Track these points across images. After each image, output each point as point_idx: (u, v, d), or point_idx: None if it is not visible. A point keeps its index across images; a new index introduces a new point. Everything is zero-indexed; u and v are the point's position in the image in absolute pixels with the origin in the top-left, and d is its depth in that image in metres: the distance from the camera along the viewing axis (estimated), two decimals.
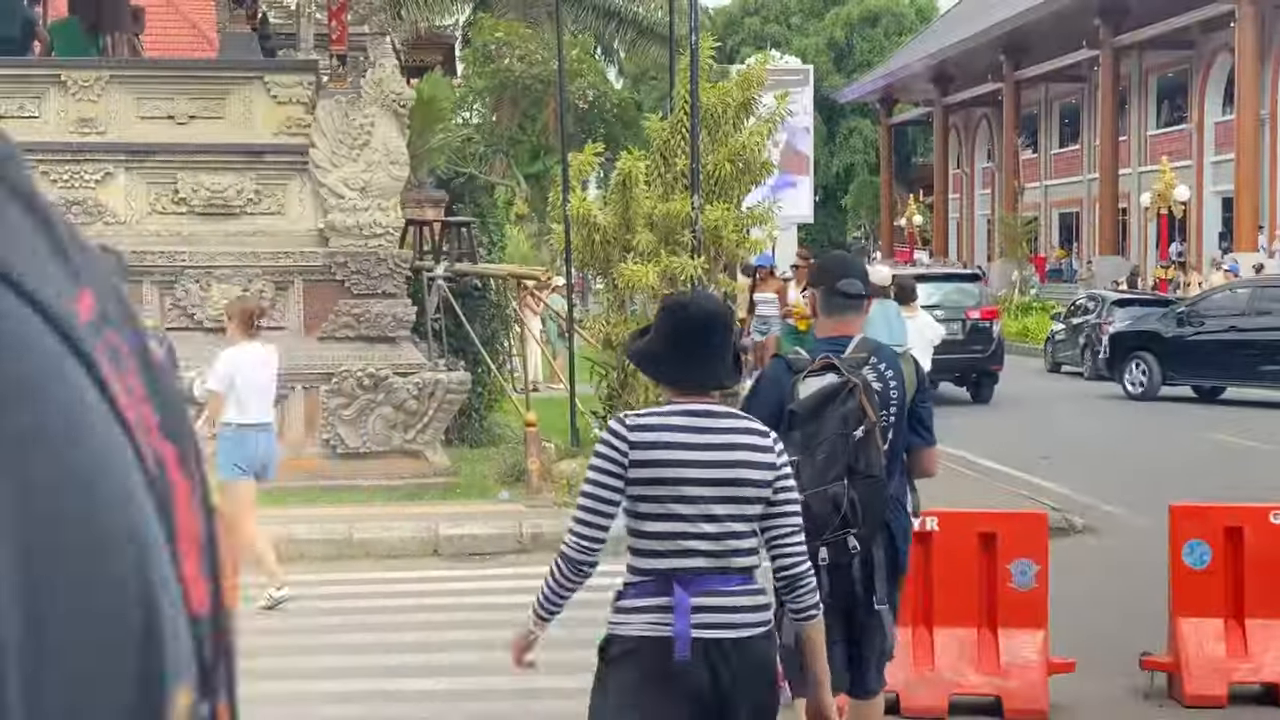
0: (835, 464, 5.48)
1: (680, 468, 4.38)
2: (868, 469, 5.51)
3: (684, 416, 4.45)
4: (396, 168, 14.46)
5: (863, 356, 5.73)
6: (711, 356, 4.51)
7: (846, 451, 5.49)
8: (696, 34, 15.07)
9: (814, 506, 5.26)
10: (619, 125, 41.21)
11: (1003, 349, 24.54)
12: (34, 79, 14.60)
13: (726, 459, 4.41)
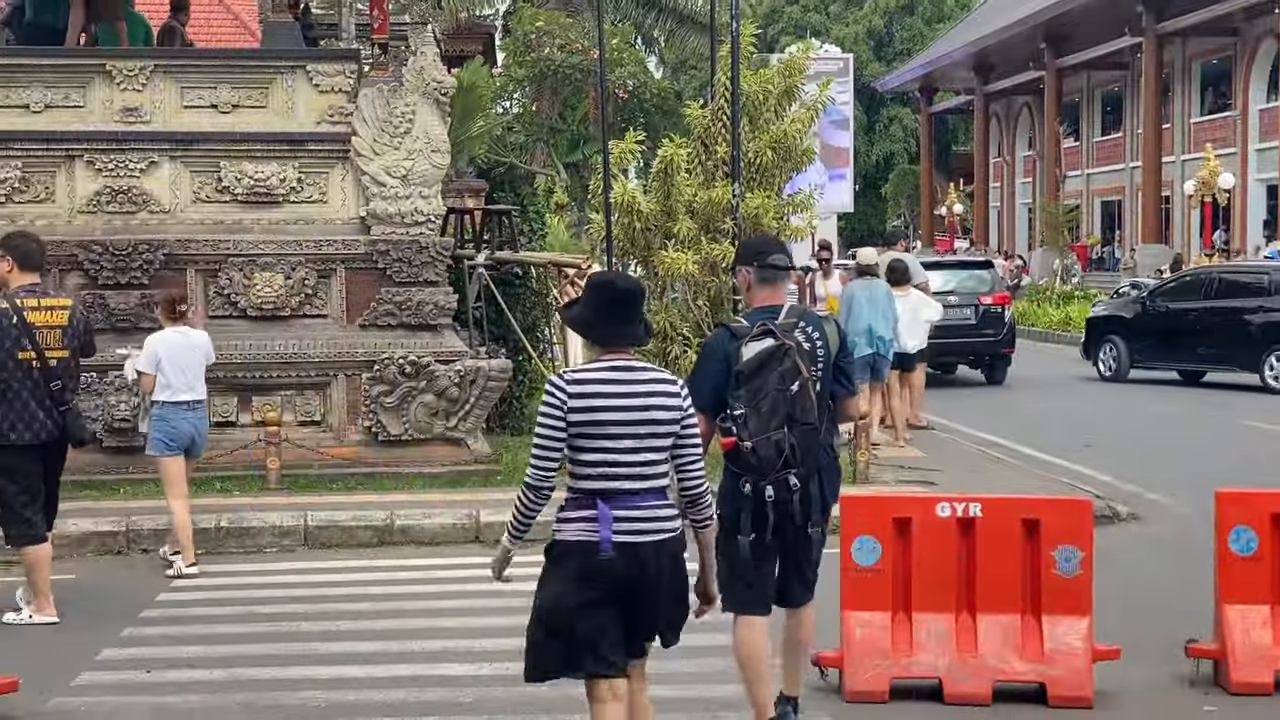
0: (777, 414, 6.49)
1: (607, 411, 5.59)
2: (804, 418, 6.55)
3: (610, 370, 5.67)
4: (438, 156, 14.48)
5: (793, 321, 6.73)
6: (630, 321, 5.74)
7: (785, 404, 6.51)
8: (737, 21, 15.05)
9: (760, 451, 6.47)
10: (658, 114, 41.18)
11: (1014, 333, 25.58)
12: (80, 69, 14.67)
13: (643, 404, 5.63)
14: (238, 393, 14.13)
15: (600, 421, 5.58)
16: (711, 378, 6.65)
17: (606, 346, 5.76)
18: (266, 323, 14.25)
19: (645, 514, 5.62)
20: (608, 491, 5.62)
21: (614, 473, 5.61)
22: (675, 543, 5.71)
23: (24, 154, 14.32)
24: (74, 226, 14.31)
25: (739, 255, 7.39)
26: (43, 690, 7.93)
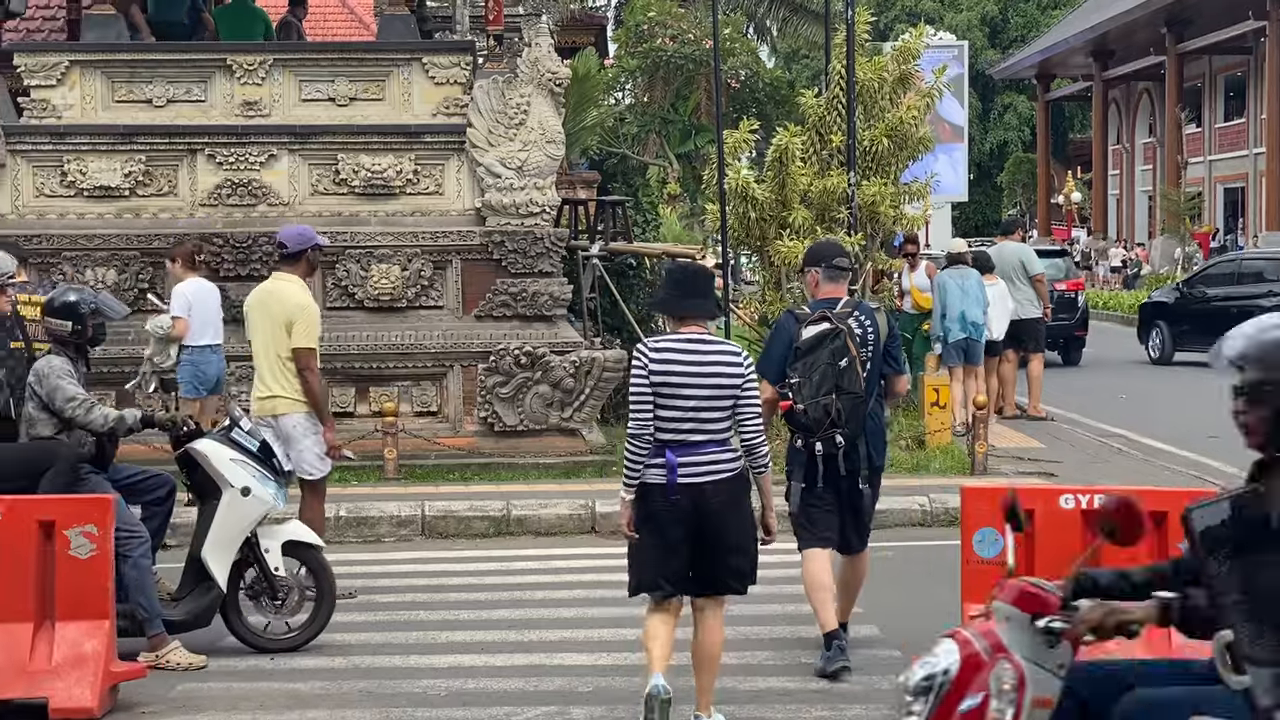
0: (826, 383, 7.93)
1: (679, 375, 6.74)
2: (850, 388, 7.96)
3: (684, 341, 6.83)
4: (553, 147, 14.52)
5: (847, 310, 8.13)
6: (698, 296, 6.93)
7: (834, 375, 7.93)
8: (852, 9, 14.94)
9: (811, 413, 7.92)
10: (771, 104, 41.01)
11: (1087, 316, 26.93)
12: (201, 63, 14.89)
13: (710, 370, 6.77)
14: (355, 383, 14.26)
15: (673, 384, 6.75)
16: (777, 352, 8.14)
17: (682, 321, 6.95)
18: (383, 314, 14.37)
19: (706, 459, 6.77)
20: (675, 442, 6.76)
21: (682, 427, 6.76)
22: (734, 481, 6.83)
23: (148, 148, 14.55)
24: (195, 219, 14.52)
25: (808, 258, 8.53)
26: (169, 676, 8.05)
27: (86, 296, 8.69)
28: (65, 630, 7.38)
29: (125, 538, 8.01)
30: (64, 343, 8.51)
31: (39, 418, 8.37)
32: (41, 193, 14.49)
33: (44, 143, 14.50)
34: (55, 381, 8.28)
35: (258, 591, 8.72)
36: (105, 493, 8.06)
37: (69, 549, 7.34)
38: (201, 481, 8.65)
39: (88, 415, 8.29)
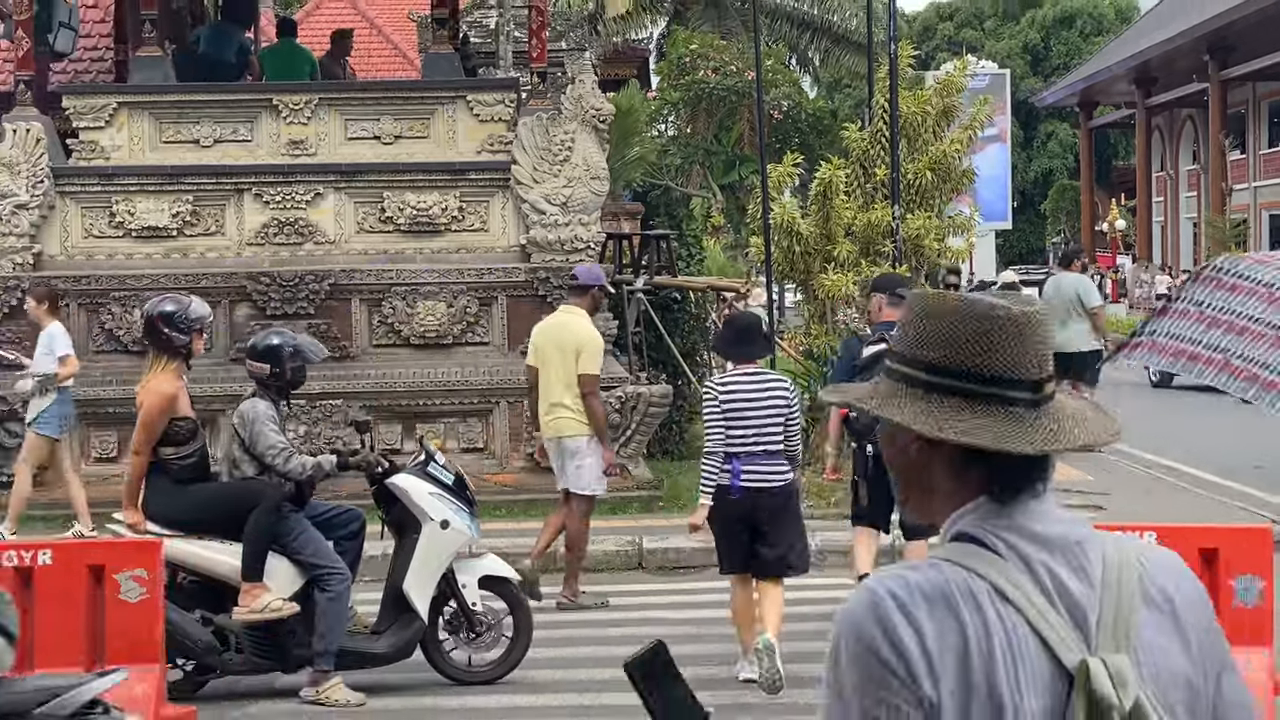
0: None
1: (741, 402, 8.65)
2: None
3: (744, 376, 8.82)
4: (597, 183, 14.56)
5: None
6: (752, 343, 8.94)
7: None
8: (895, 43, 14.96)
9: (862, 419, 9.10)
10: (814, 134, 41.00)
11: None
12: (248, 103, 15.00)
13: (765, 398, 8.70)
14: (402, 420, 14.30)
15: (738, 409, 8.64)
16: (842, 369, 9.92)
17: (739, 361, 8.94)
18: (429, 351, 14.42)
19: (762, 469, 8.64)
20: (740, 454, 8.63)
21: (744, 442, 8.62)
22: (784, 488, 8.75)
23: (195, 188, 14.66)
24: (242, 258, 14.61)
25: (874, 286, 10.23)
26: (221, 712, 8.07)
27: (287, 339, 8.85)
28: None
29: (326, 573, 8.34)
30: (265, 385, 8.67)
31: (242, 458, 8.57)
32: (90, 233, 14.61)
33: (93, 184, 14.63)
34: (258, 427, 8.49)
35: (456, 626, 8.86)
36: (305, 531, 8.51)
37: (119, 593, 7.38)
38: (400, 516, 8.80)
39: (286, 464, 8.49)
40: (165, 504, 8.48)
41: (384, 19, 30.95)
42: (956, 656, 2.04)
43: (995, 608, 2.07)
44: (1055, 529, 2.15)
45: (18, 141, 14.41)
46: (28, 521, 13.14)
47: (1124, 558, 2.17)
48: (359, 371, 14.21)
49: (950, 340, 2.18)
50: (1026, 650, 2.06)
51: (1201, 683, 2.17)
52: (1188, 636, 2.16)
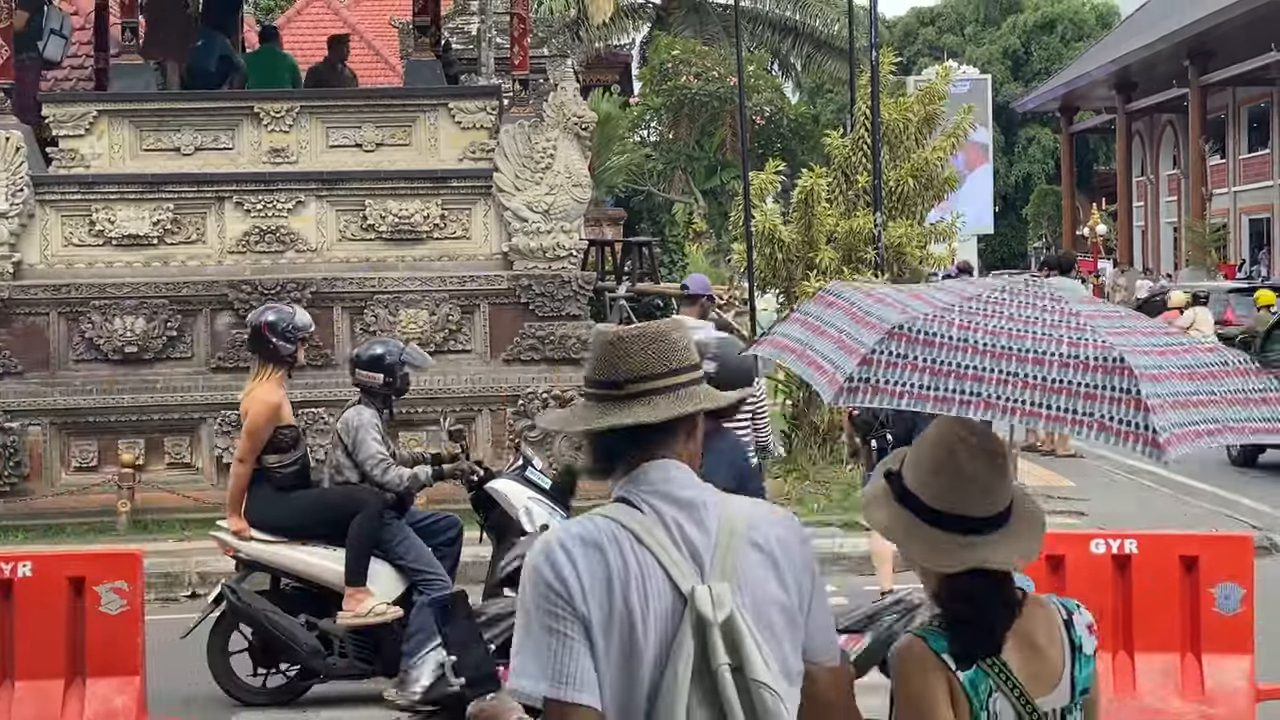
0: None
1: None
2: None
3: None
4: (579, 190, 14.56)
5: None
6: None
7: None
8: (877, 50, 14.98)
9: (863, 416, 9.80)
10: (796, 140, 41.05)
11: None
12: (228, 111, 14.97)
13: None
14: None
15: None
16: None
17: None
18: None
19: None
20: None
21: None
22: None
23: (176, 196, 14.62)
24: (224, 266, 14.58)
25: None
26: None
27: (393, 348, 8.94)
28: (96, 686, 7.40)
29: (427, 578, 8.47)
30: (373, 394, 8.73)
31: (345, 464, 8.66)
32: (70, 242, 14.56)
33: (73, 192, 14.58)
34: (362, 435, 8.60)
35: None
36: (407, 537, 8.62)
37: (99, 605, 7.36)
38: (499, 520, 8.85)
39: (384, 475, 8.58)
40: (268, 511, 8.59)
41: (366, 25, 30.91)
42: (603, 584, 2.83)
43: (633, 549, 2.87)
44: (685, 493, 2.96)
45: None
46: (10, 531, 13.10)
47: (736, 515, 2.97)
48: (342, 379, 14.14)
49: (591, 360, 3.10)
50: (654, 579, 2.85)
51: (795, 606, 2.96)
52: (784, 573, 2.95)
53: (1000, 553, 3.08)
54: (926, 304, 3.37)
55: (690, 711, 2.79)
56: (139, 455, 13.89)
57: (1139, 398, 3.10)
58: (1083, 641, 3.19)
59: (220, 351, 14.26)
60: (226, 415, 13.90)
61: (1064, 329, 3.25)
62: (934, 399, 3.16)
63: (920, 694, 3.04)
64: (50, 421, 14.03)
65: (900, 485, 3.17)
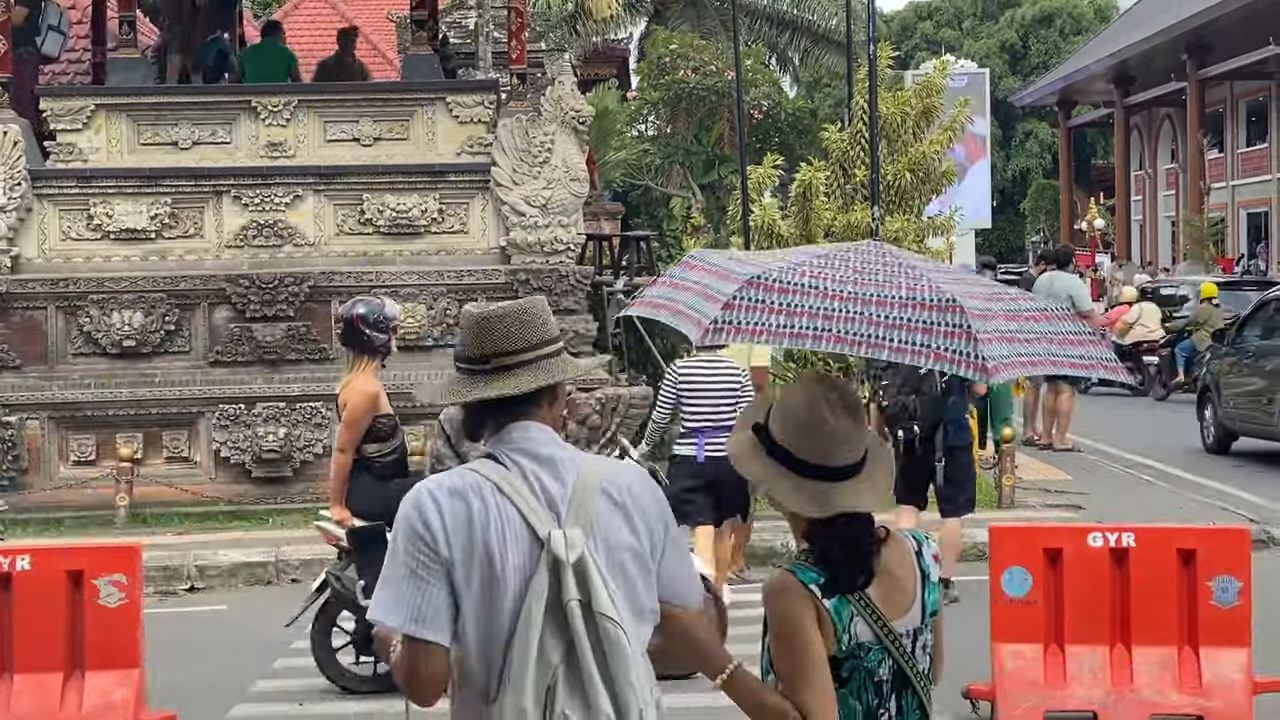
0: (907, 385, 10.51)
1: (699, 383, 10.35)
2: (928, 390, 10.49)
3: (702, 361, 10.40)
4: (577, 184, 14.56)
5: None
6: None
7: (914, 379, 10.44)
8: (874, 45, 14.97)
9: (892, 408, 10.48)
10: (794, 134, 41.03)
11: None
12: (226, 105, 14.98)
13: (718, 379, 10.36)
14: None
15: (694, 389, 10.37)
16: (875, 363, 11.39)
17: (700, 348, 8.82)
18: (409, 353, 14.36)
19: (720, 440, 9.88)
20: (703, 428, 10.29)
21: (702, 418, 10.32)
22: None
23: (173, 190, 14.63)
24: (221, 261, 14.58)
25: None
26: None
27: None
28: (95, 679, 7.41)
29: None
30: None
31: (447, 454, 8.78)
32: (68, 236, 14.56)
33: (70, 186, 14.59)
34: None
35: None
36: None
37: (98, 598, 7.36)
38: None
39: None
40: (369, 499, 8.59)
41: (363, 19, 30.86)
42: (465, 528, 3.22)
43: (495, 498, 3.26)
44: (544, 450, 3.37)
45: None
46: (8, 525, 13.11)
47: (591, 469, 3.36)
48: (339, 374, 14.15)
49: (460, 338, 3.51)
50: (513, 524, 3.24)
51: (647, 552, 3.34)
52: (635, 521, 3.33)
53: (863, 496, 3.45)
54: (780, 261, 3.77)
55: (544, 639, 3.16)
56: (137, 449, 13.90)
57: (970, 331, 3.46)
58: (930, 570, 3.58)
59: (218, 345, 14.27)
60: (224, 409, 13.92)
61: (902, 277, 3.64)
62: (789, 335, 3.55)
63: (790, 619, 3.38)
64: (48, 415, 14.04)
65: (769, 440, 3.48)
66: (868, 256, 3.77)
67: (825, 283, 3.62)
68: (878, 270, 3.69)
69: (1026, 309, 3.80)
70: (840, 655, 3.43)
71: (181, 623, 10.43)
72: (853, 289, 3.61)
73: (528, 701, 3.15)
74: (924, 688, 3.57)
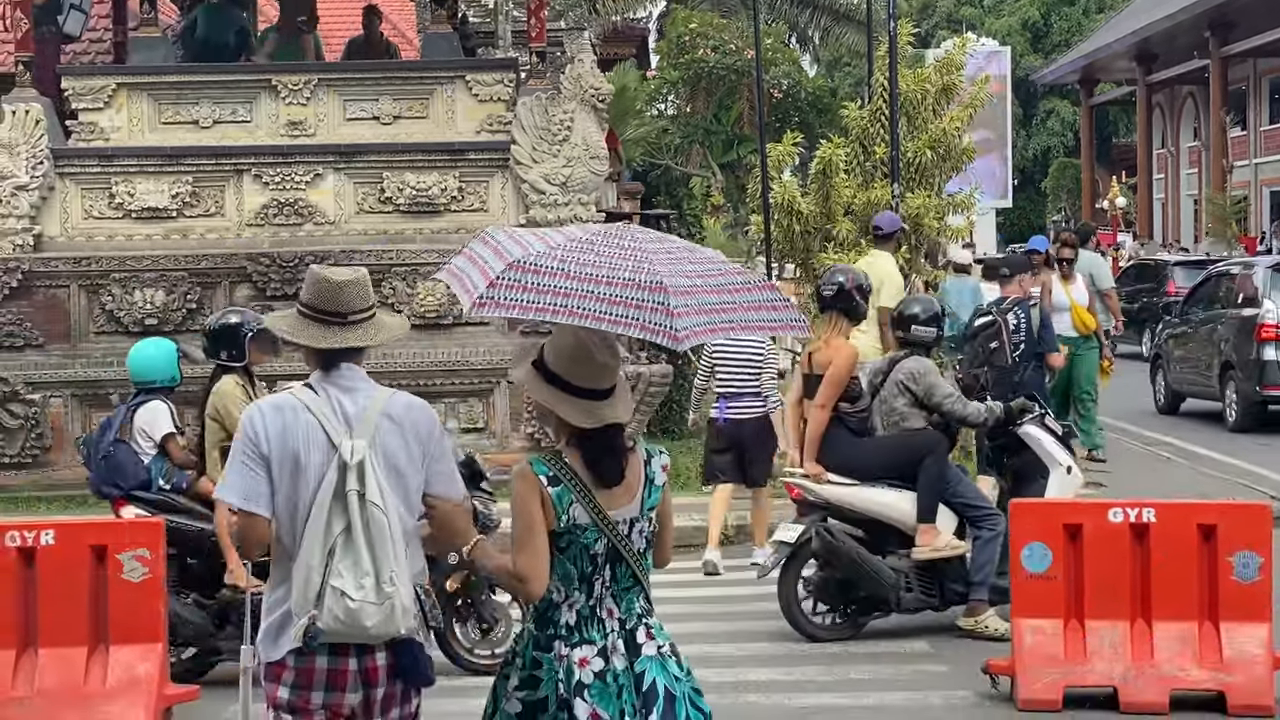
0: (977, 359, 12.18)
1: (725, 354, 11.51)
2: (1000, 362, 12.11)
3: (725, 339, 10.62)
4: (596, 162, 14.56)
5: (1008, 306, 12.66)
6: None
7: (983, 353, 12.20)
8: (895, 21, 14.94)
9: (965, 379, 10.81)
10: (814, 112, 40.96)
11: None
12: (246, 84, 15.00)
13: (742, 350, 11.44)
14: None
15: (722, 359, 11.51)
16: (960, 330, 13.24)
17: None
18: (430, 331, 14.42)
19: (743, 405, 11.45)
20: (726, 393, 11.52)
21: (726, 384, 11.52)
22: (757, 419, 11.54)
23: (194, 169, 14.66)
24: (242, 239, 14.62)
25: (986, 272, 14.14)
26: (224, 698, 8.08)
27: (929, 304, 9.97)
28: (119, 654, 7.45)
29: (983, 515, 9.25)
30: (928, 347, 9.67)
31: (909, 411, 9.47)
32: (90, 215, 14.61)
33: (92, 165, 14.63)
34: (932, 379, 9.49)
35: None
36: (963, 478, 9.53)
37: (121, 573, 7.41)
38: (1019, 464, 9.78)
39: (964, 409, 9.49)
40: (845, 455, 9.30)
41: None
42: (279, 434, 4.44)
43: (305, 415, 4.48)
44: (351, 384, 4.58)
45: (17, 123, 14.40)
46: (32, 502, 13.18)
47: (380, 398, 4.57)
48: None
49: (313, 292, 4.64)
50: (315, 434, 4.45)
51: (418, 459, 4.56)
52: (408, 436, 4.54)
53: (618, 411, 4.50)
54: (543, 243, 4.53)
55: (329, 517, 4.38)
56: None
57: (668, 306, 4.29)
58: (655, 475, 4.57)
59: None
60: None
61: (630, 261, 4.42)
62: (535, 309, 4.35)
63: (523, 497, 4.39)
64: (71, 394, 14.10)
65: (548, 371, 4.49)
66: (613, 242, 4.52)
67: (569, 265, 4.39)
68: (614, 254, 4.45)
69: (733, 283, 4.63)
70: (559, 530, 4.40)
71: None
72: (590, 270, 4.39)
73: (315, 559, 4.36)
74: (636, 562, 4.50)
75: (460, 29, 17.55)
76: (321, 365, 4.58)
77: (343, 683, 4.44)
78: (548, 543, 4.40)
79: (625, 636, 4.46)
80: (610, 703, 4.37)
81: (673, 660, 4.52)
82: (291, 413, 4.47)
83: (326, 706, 4.45)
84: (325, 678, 4.43)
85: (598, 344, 4.49)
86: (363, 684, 4.46)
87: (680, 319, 4.32)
